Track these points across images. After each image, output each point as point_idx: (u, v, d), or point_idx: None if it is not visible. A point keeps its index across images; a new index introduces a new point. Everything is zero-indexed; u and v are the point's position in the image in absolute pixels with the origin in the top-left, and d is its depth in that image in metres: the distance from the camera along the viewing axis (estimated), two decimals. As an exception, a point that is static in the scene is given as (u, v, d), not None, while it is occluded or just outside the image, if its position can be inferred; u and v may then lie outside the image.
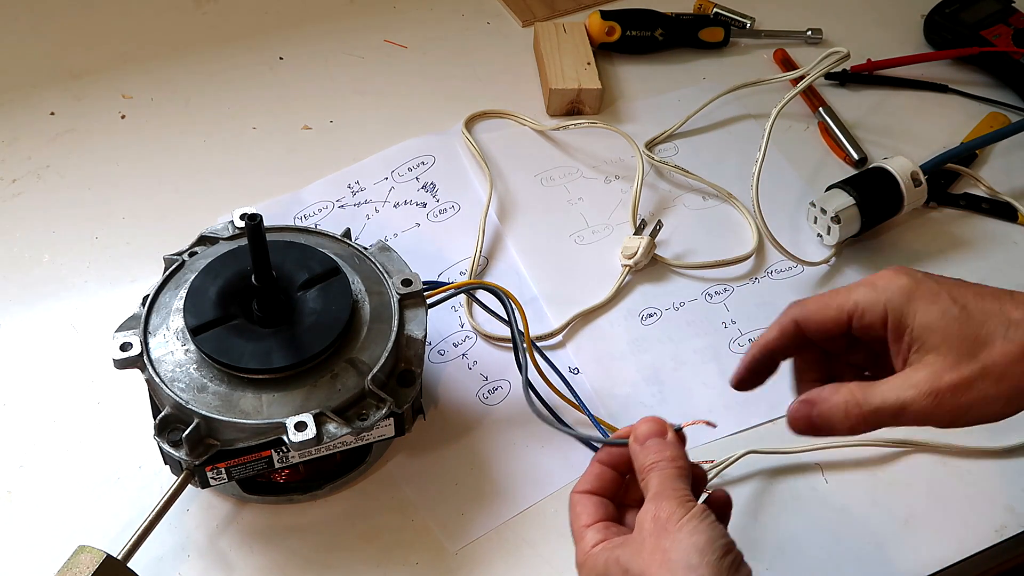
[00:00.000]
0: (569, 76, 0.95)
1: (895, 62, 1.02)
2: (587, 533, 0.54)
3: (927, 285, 0.54)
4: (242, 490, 0.67)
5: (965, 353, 0.52)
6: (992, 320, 0.52)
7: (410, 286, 0.68)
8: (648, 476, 0.53)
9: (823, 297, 0.57)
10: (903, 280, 0.55)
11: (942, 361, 0.52)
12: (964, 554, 0.69)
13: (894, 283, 0.55)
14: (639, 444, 0.55)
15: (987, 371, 0.52)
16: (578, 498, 0.56)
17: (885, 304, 0.54)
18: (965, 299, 0.53)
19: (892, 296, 0.54)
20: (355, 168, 0.90)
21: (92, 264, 0.82)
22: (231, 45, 1.00)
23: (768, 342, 0.58)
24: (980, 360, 0.52)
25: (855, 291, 0.56)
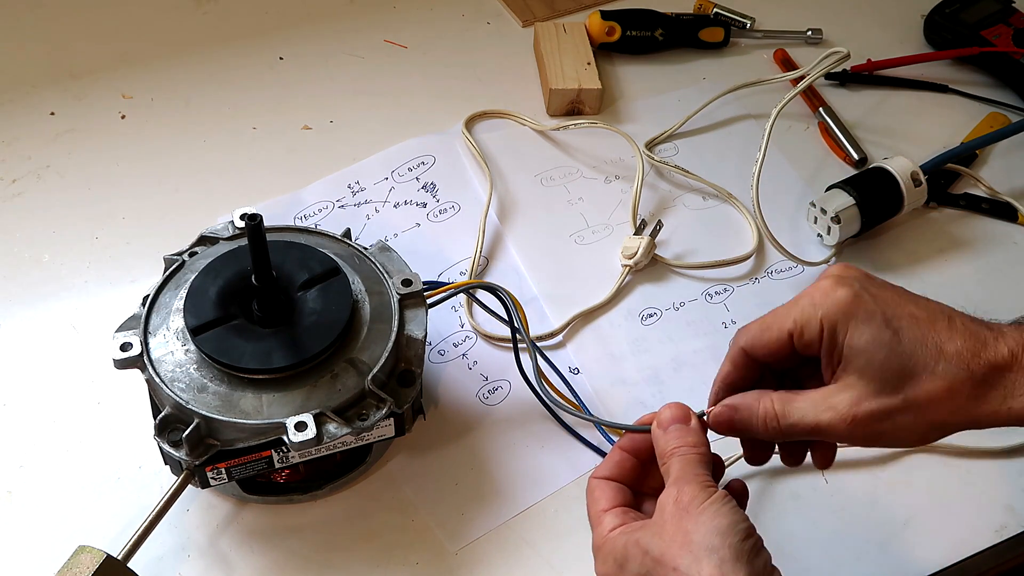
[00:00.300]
0: (569, 76, 0.95)
1: (895, 62, 1.02)
2: (605, 517, 0.54)
3: (864, 302, 0.53)
4: (242, 490, 0.67)
5: (889, 384, 0.52)
6: (922, 351, 0.52)
7: (410, 286, 0.68)
8: (670, 461, 0.53)
9: (765, 320, 0.57)
10: (840, 293, 0.54)
11: (864, 387, 0.52)
12: (964, 554, 0.69)
13: (831, 297, 0.54)
14: (662, 429, 0.55)
15: (908, 405, 0.52)
16: (597, 483, 0.56)
17: (821, 319, 0.54)
18: (900, 323, 0.53)
19: (828, 311, 0.54)
20: (355, 168, 0.90)
21: (92, 264, 0.82)
22: (231, 45, 1.00)
23: (726, 376, 0.58)
24: (903, 393, 0.52)
25: (793, 309, 0.55)
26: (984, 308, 0.83)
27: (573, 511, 0.69)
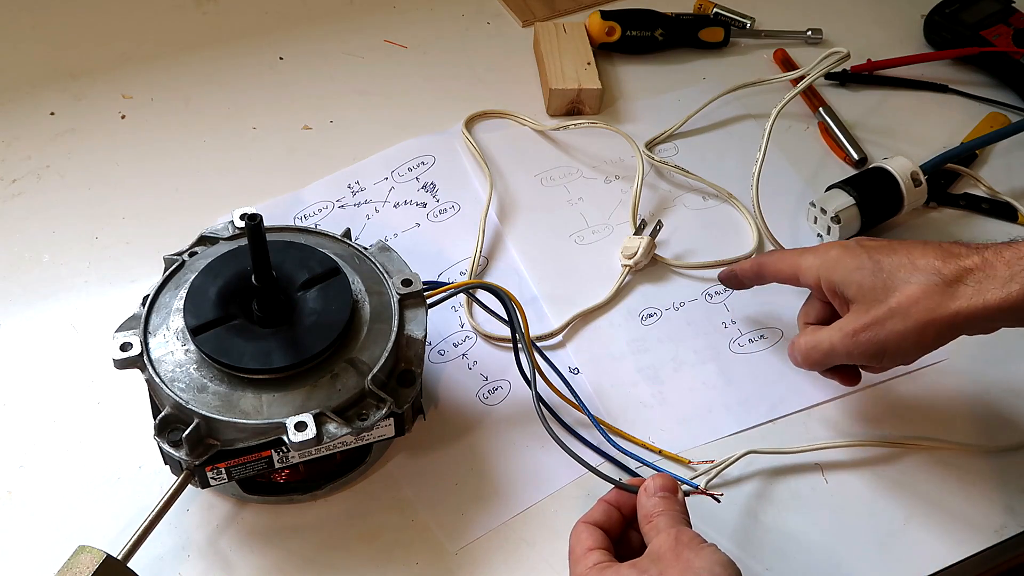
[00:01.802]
0: (569, 76, 0.95)
1: (895, 62, 1.02)
2: (591, 555, 0.58)
3: (852, 249, 0.66)
4: (242, 490, 0.67)
5: (877, 299, 0.63)
6: (900, 270, 0.63)
7: (410, 286, 0.68)
8: (657, 519, 0.59)
9: (784, 254, 0.72)
10: (834, 251, 0.67)
11: (858, 306, 0.64)
12: (964, 554, 0.69)
13: (830, 254, 0.67)
14: (648, 495, 0.61)
15: (894, 311, 0.62)
16: (584, 526, 0.61)
17: (817, 271, 0.67)
18: (879, 255, 0.65)
19: (823, 264, 0.67)
20: (355, 168, 0.90)
21: (92, 264, 0.82)
22: (231, 45, 1.00)
23: (739, 269, 0.76)
24: (888, 303, 0.63)
25: (804, 257, 0.69)
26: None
27: (573, 511, 0.68)
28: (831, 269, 0.66)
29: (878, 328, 0.63)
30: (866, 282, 0.64)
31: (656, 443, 0.73)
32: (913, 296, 0.61)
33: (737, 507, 0.70)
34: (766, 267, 0.73)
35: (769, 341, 0.80)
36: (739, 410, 0.75)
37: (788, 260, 0.71)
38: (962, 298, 0.60)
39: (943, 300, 0.60)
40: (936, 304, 0.60)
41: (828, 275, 0.67)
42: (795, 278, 0.71)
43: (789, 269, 0.71)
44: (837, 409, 0.76)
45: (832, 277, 0.66)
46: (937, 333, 0.61)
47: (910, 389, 0.77)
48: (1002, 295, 0.59)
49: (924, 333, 0.61)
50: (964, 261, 0.61)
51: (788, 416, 0.75)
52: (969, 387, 0.78)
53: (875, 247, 0.66)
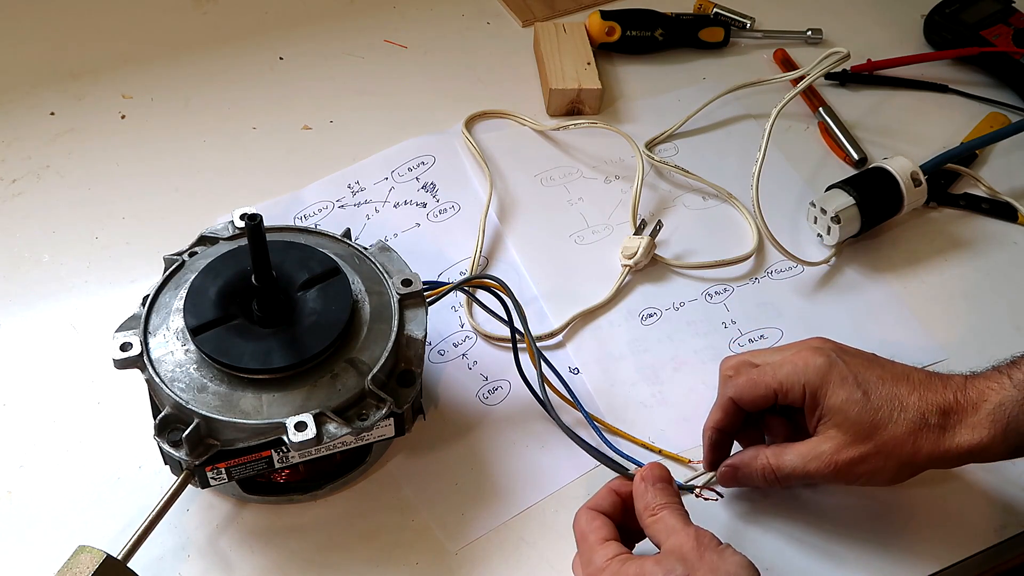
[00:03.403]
0: (569, 76, 0.95)
1: (895, 62, 1.02)
2: (608, 546, 0.59)
3: (838, 369, 0.64)
4: (242, 490, 0.67)
5: (863, 435, 0.63)
6: (887, 406, 0.63)
7: (410, 286, 0.68)
8: (662, 513, 0.60)
9: (753, 377, 0.67)
10: (820, 361, 0.65)
11: (843, 438, 0.63)
12: (964, 554, 0.69)
13: (812, 364, 0.65)
14: (646, 484, 0.62)
15: (878, 450, 0.63)
16: (593, 514, 0.62)
17: (804, 384, 0.65)
18: (868, 384, 0.64)
19: (810, 378, 0.64)
20: (355, 168, 0.90)
21: (92, 264, 0.82)
22: (231, 45, 1.00)
23: (717, 422, 0.68)
24: (873, 441, 0.63)
25: (779, 370, 0.66)
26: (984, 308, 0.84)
27: (573, 511, 0.68)
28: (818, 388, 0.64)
29: (860, 464, 0.63)
30: (855, 416, 0.63)
31: (656, 443, 0.73)
32: (899, 438, 0.62)
33: (736, 507, 0.70)
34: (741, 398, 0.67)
35: (769, 341, 0.80)
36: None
37: (762, 380, 0.66)
38: (943, 442, 0.62)
39: (925, 444, 0.62)
40: (918, 448, 0.62)
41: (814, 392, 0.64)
42: (774, 396, 0.66)
43: (766, 388, 0.66)
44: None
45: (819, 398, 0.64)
46: (912, 471, 0.64)
47: (910, 389, 0.77)
48: (972, 440, 0.62)
49: (901, 472, 0.64)
50: (941, 399, 0.63)
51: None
52: (969, 387, 0.77)
53: (862, 370, 0.64)
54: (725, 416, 0.68)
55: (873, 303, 0.83)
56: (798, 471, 0.64)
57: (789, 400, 0.65)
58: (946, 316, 0.82)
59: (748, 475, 0.66)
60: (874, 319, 0.82)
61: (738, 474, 0.67)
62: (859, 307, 0.82)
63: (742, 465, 0.66)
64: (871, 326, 0.81)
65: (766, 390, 0.66)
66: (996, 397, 0.62)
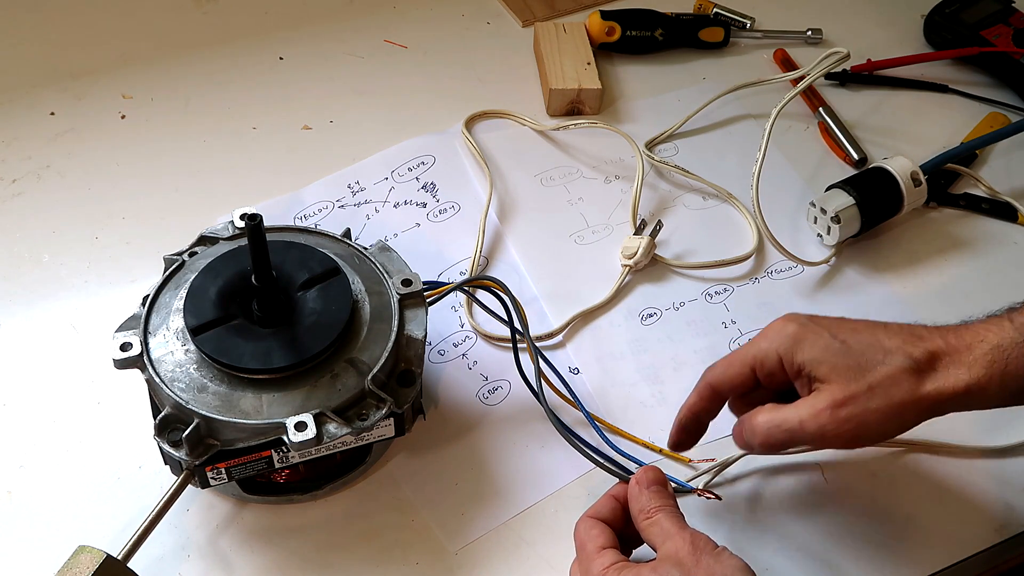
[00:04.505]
0: (569, 76, 0.95)
1: (895, 62, 1.02)
2: (605, 554, 0.59)
3: (810, 328, 0.62)
4: (242, 490, 0.67)
5: (852, 377, 0.60)
6: (870, 351, 0.61)
7: (410, 286, 0.68)
8: (657, 516, 0.59)
9: (727, 358, 0.65)
10: (791, 328, 0.63)
11: (832, 384, 0.60)
12: (964, 554, 0.69)
13: (783, 332, 0.63)
14: (640, 487, 0.61)
15: (872, 389, 0.59)
16: (593, 522, 0.61)
17: (777, 351, 0.62)
18: (844, 335, 0.61)
19: (782, 343, 0.62)
20: (355, 168, 0.90)
21: (92, 264, 0.82)
22: (231, 45, 1.00)
23: (691, 406, 0.67)
24: (866, 381, 0.60)
25: (752, 347, 0.64)
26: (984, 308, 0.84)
27: (573, 511, 0.68)
28: (793, 349, 0.62)
29: (858, 405, 0.59)
30: (838, 361, 0.60)
31: (656, 443, 0.73)
32: (891, 376, 0.59)
33: (736, 507, 0.70)
34: (716, 381, 0.65)
35: (769, 341, 0.80)
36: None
37: (736, 358, 0.65)
38: (936, 381, 0.59)
39: (919, 383, 0.59)
40: (913, 386, 0.59)
41: (792, 355, 0.62)
42: (751, 373, 0.64)
43: (741, 365, 0.64)
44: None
45: (797, 357, 0.62)
46: (916, 414, 0.60)
47: (910, 389, 0.77)
48: (969, 379, 0.59)
49: (904, 413, 0.60)
50: (930, 344, 0.60)
51: (788, 416, 0.75)
52: (969, 387, 0.78)
53: (835, 325, 0.63)
54: (699, 400, 0.66)
55: (873, 303, 0.83)
56: (791, 424, 0.61)
57: (767, 371, 0.63)
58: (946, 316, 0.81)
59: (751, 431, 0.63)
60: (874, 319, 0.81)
61: (743, 431, 0.63)
62: (859, 307, 0.82)
63: (745, 420, 0.63)
64: (871, 326, 0.81)
65: (741, 366, 0.64)
66: (994, 339, 0.60)
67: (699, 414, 0.66)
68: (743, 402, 0.67)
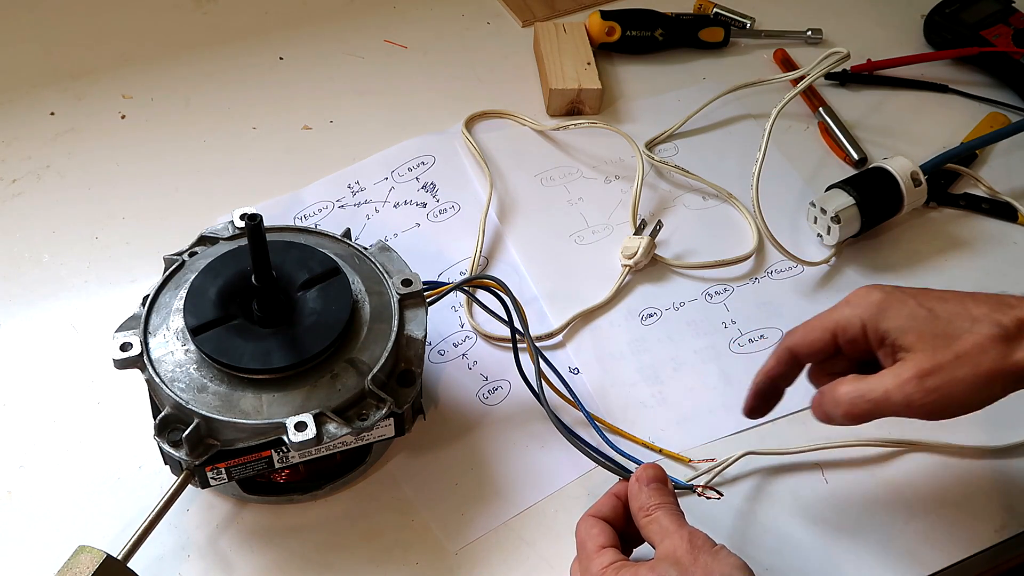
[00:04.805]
0: (569, 76, 0.95)
1: (895, 62, 1.02)
2: (604, 553, 0.59)
3: (895, 295, 0.61)
4: (242, 490, 0.67)
5: (939, 346, 0.58)
6: (957, 318, 0.59)
7: (410, 286, 0.68)
8: (656, 513, 0.59)
9: (808, 323, 0.64)
10: (875, 295, 0.62)
11: (919, 353, 0.59)
12: (964, 554, 0.69)
13: (867, 299, 0.62)
14: (640, 485, 0.61)
15: (959, 358, 0.58)
16: (593, 521, 0.61)
17: (861, 318, 0.61)
18: (930, 303, 0.60)
19: (866, 310, 0.61)
20: (355, 168, 0.90)
21: (92, 264, 0.82)
22: (231, 45, 1.00)
23: (769, 370, 0.66)
24: (953, 349, 0.58)
25: (835, 312, 0.63)
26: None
27: (573, 511, 0.68)
28: (878, 316, 0.61)
29: (945, 374, 0.57)
30: (925, 329, 0.59)
31: (656, 443, 0.73)
32: (979, 344, 0.57)
33: (736, 507, 0.70)
34: (796, 345, 0.64)
35: (769, 341, 0.80)
36: (739, 410, 0.75)
37: (817, 323, 0.64)
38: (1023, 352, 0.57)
39: (1009, 351, 0.57)
40: (1002, 354, 0.57)
41: (876, 322, 0.60)
42: (832, 339, 0.63)
43: (823, 330, 0.63)
44: (837, 409, 0.76)
45: (882, 324, 0.60)
46: (1004, 384, 0.58)
47: (910, 389, 0.77)
48: None
49: (992, 383, 0.58)
50: (1019, 312, 0.59)
51: (788, 416, 0.75)
52: (969, 387, 0.78)
53: (920, 294, 0.62)
54: (777, 364, 0.65)
55: (873, 303, 0.83)
56: (875, 392, 0.59)
57: (849, 338, 0.62)
58: (946, 316, 0.82)
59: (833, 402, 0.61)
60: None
61: (824, 402, 0.62)
62: (859, 307, 0.82)
63: (827, 390, 0.62)
64: (871, 326, 0.81)
65: (822, 332, 0.63)
66: None
67: (776, 379, 0.65)
68: (821, 370, 0.66)
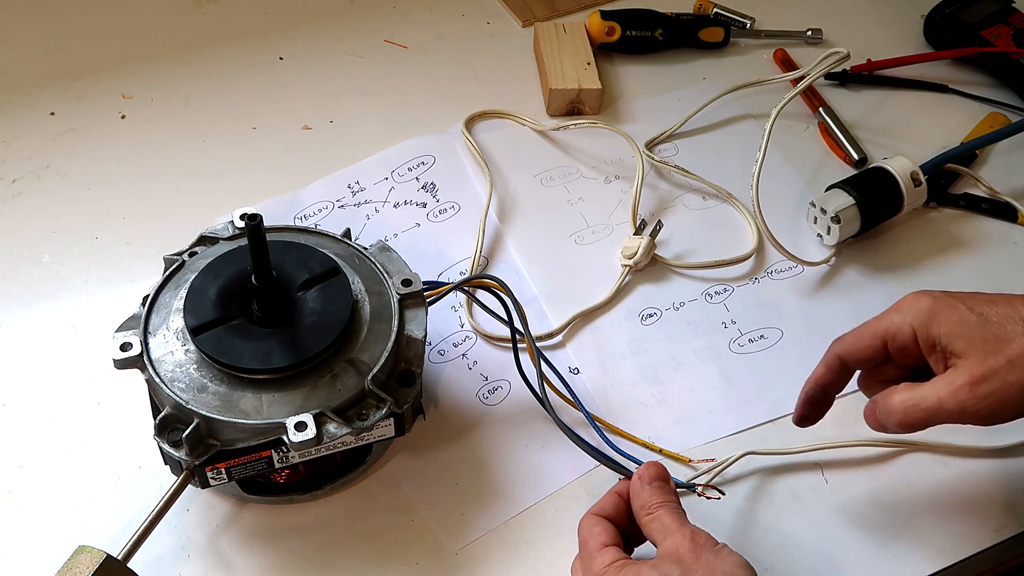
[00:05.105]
0: (569, 76, 0.95)
1: (895, 62, 1.02)
2: (606, 552, 0.59)
3: (945, 301, 0.61)
4: (242, 490, 0.67)
5: (990, 351, 0.58)
6: (1008, 322, 0.59)
7: (410, 286, 0.68)
8: (658, 512, 0.59)
9: (858, 330, 0.65)
10: (924, 301, 0.62)
11: (970, 359, 0.59)
12: (964, 554, 0.69)
13: (916, 305, 0.62)
14: (642, 483, 0.61)
15: (1012, 363, 0.57)
16: (596, 519, 0.61)
17: (912, 324, 0.61)
18: (980, 307, 0.60)
19: (916, 316, 0.61)
20: (355, 168, 0.90)
21: (92, 264, 0.82)
22: (231, 45, 1.00)
23: (819, 377, 0.66)
24: (1005, 354, 0.58)
25: (884, 319, 0.63)
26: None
27: (573, 511, 0.68)
28: (928, 323, 0.61)
29: (997, 380, 0.57)
30: (976, 334, 0.59)
31: (656, 443, 0.73)
32: None
33: (737, 507, 0.70)
34: (846, 353, 0.65)
35: (769, 341, 0.80)
36: (739, 410, 0.75)
37: (867, 330, 0.64)
38: None
39: None
40: None
41: (927, 329, 0.61)
42: (882, 346, 0.63)
43: (872, 337, 0.63)
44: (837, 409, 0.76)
45: (932, 331, 0.60)
46: None
47: (910, 389, 0.77)
48: None
49: None
50: None
51: (788, 416, 0.75)
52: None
53: (969, 298, 0.62)
54: (827, 372, 0.65)
55: (873, 303, 0.83)
56: (928, 401, 0.59)
57: (899, 345, 0.62)
58: (946, 316, 0.82)
59: (886, 411, 0.62)
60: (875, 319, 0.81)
61: (877, 411, 0.62)
62: (859, 307, 0.82)
63: (880, 400, 0.62)
64: (871, 326, 0.81)
65: (872, 339, 0.63)
66: None
67: (826, 386, 0.66)
68: (872, 377, 0.66)
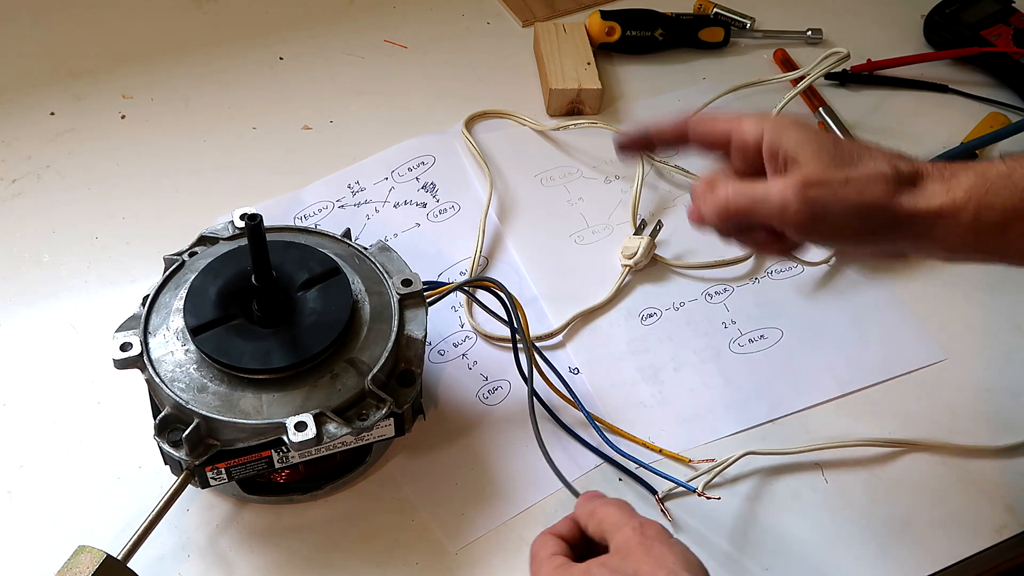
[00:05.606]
0: (569, 76, 0.95)
1: (895, 62, 1.02)
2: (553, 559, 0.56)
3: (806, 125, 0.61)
4: (242, 490, 0.67)
5: (831, 164, 0.58)
6: (858, 152, 0.59)
7: (410, 286, 0.68)
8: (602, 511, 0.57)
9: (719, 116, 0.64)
10: (785, 119, 0.62)
11: (814, 165, 0.58)
12: (964, 554, 0.69)
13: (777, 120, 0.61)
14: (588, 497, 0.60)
15: (848, 181, 0.58)
16: (548, 536, 0.59)
17: (763, 126, 0.61)
18: (835, 138, 0.61)
19: (771, 126, 0.61)
20: (355, 168, 0.90)
21: (92, 264, 0.82)
22: (231, 45, 1.00)
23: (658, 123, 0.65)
24: (846, 172, 0.58)
25: (743, 118, 0.62)
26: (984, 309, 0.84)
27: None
28: (779, 131, 0.60)
29: (827, 189, 0.57)
30: (824, 150, 0.58)
31: (656, 443, 0.73)
32: (870, 176, 0.57)
33: (736, 507, 0.70)
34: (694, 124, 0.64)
35: (769, 341, 0.80)
36: (739, 410, 0.75)
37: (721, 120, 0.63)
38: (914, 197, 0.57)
39: (896, 192, 0.57)
40: (890, 192, 0.57)
41: (776, 137, 0.60)
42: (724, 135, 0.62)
43: (722, 129, 0.62)
44: (837, 409, 0.76)
45: (781, 139, 0.60)
46: (882, 222, 0.58)
47: (910, 389, 0.77)
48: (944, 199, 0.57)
49: (872, 214, 0.58)
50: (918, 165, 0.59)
51: (788, 416, 0.75)
52: (969, 387, 0.78)
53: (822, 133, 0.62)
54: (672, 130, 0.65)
55: (873, 303, 0.83)
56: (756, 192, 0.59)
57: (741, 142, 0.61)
58: (946, 316, 0.82)
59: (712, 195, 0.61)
60: (874, 319, 0.82)
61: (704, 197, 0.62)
62: (859, 307, 0.82)
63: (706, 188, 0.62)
64: (871, 326, 0.81)
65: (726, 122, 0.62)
66: (980, 168, 0.58)
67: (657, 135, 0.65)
68: None
